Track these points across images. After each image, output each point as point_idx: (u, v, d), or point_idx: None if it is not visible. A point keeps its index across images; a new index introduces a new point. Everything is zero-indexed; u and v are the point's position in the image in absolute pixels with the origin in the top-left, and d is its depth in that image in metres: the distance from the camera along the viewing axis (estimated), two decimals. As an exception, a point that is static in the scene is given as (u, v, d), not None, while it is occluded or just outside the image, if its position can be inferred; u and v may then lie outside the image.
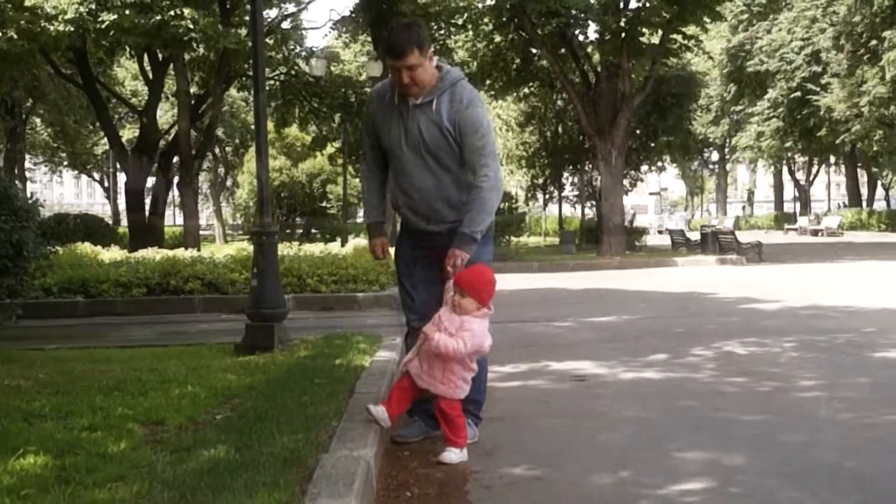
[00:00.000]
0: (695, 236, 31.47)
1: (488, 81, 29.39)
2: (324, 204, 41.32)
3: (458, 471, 4.48)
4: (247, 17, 25.88)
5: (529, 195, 36.67)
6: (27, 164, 49.90)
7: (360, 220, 60.64)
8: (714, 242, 26.98)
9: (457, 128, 4.69)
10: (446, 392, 4.60)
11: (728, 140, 64.41)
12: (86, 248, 16.31)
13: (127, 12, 19.24)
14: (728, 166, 79.84)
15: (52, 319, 11.91)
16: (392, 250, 5.12)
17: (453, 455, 4.59)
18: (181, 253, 15.47)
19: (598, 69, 26.90)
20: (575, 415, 5.74)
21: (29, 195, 7.97)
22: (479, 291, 4.61)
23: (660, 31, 25.77)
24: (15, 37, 19.20)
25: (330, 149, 37.44)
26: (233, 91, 40.32)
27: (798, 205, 66.78)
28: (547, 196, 37.09)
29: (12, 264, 7.18)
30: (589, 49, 28.19)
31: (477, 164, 4.69)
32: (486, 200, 4.70)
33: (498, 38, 28.37)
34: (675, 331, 9.85)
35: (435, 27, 29.47)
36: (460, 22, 28.72)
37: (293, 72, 31.73)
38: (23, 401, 5.26)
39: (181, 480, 3.65)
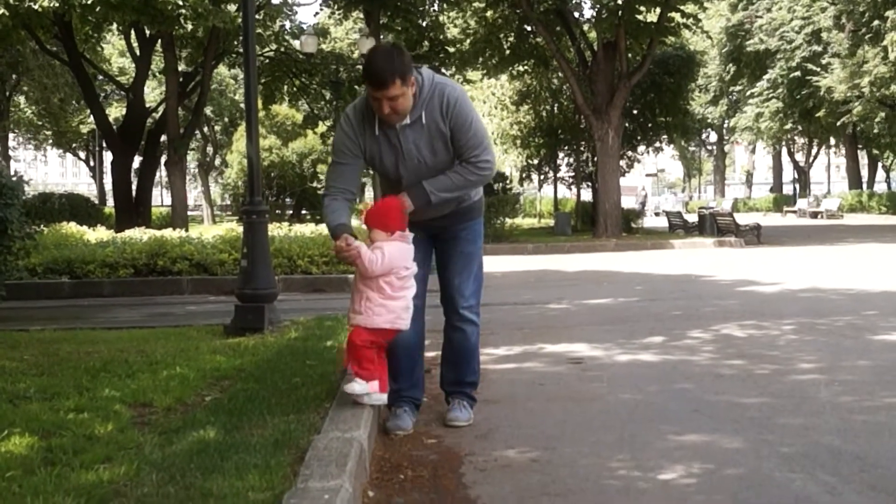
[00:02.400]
0: (692, 218, 31.43)
1: (481, 59, 29.20)
2: (314, 184, 41.10)
3: (453, 453, 4.42)
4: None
5: (524, 176, 36.51)
6: (10, 143, 49.58)
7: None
8: (712, 224, 26.97)
9: (450, 127, 4.58)
10: (362, 321, 4.46)
11: (727, 121, 64.28)
12: (71, 227, 16.19)
13: (114, -13, 19.02)
14: (726, 147, 79.81)
15: (36, 300, 11.82)
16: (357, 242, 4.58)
17: (356, 386, 4.41)
18: (169, 233, 15.34)
19: (595, 48, 26.73)
20: (571, 397, 5.66)
21: (13, 174, 7.82)
22: (382, 220, 4.54)
23: (657, 10, 25.59)
24: (7, 14, 18.99)
25: (322, 127, 37.22)
26: (222, 68, 40.11)
27: (797, 187, 66.67)
28: (542, 177, 36.96)
29: (-4, 243, 7.07)
30: (585, 27, 28.01)
31: (477, 155, 4.61)
32: (469, 183, 4.65)
33: (491, 15, 28.14)
34: (672, 313, 9.77)
35: (429, 3, 29.26)
36: (452, -1, 28.59)
37: (283, 48, 31.49)
38: (7, 382, 5.19)
39: (170, 462, 3.58)
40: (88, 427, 4.14)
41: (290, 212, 39.92)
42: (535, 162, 35.25)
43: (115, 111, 43.33)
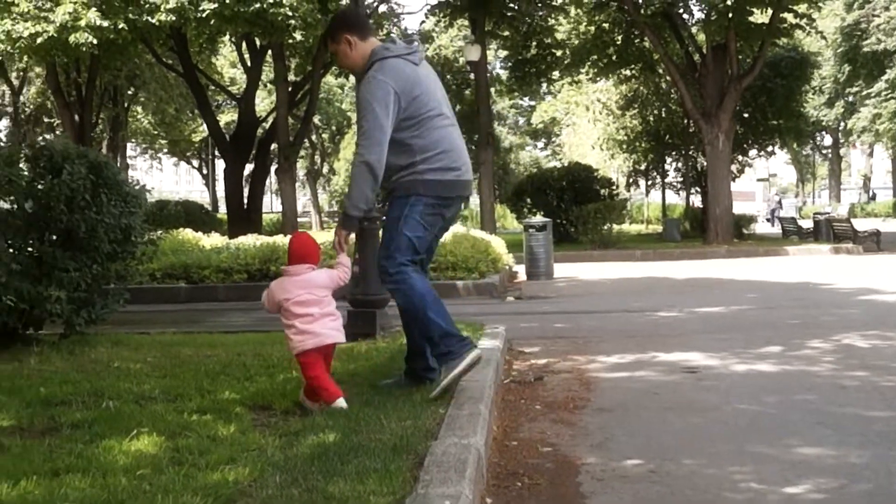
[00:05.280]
0: (807, 224, 30.60)
1: (588, 62, 29.01)
2: (419, 190, 41.41)
3: (569, 461, 4.38)
4: (343, 2, 26.04)
5: (631, 181, 36.12)
6: (129, 152, 51.20)
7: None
8: (828, 230, 26.21)
9: None
10: (288, 346, 4.82)
11: (842, 123, 62.32)
12: (187, 234, 16.57)
13: (227, 1, 19.51)
14: (842, 151, 77.35)
15: (156, 304, 12.16)
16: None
17: (306, 404, 4.77)
18: (280, 239, 15.59)
19: (704, 50, 26.29)
20: (687, 407, 5.56)
21: (134, 182, 8.09)
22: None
23: (769, 10, 25.00)
24: (126, 28, 19.70)
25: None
26: (329, 77, 40.67)
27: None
28: (649, 182, 36.51)
29: (121, 249, 7.30)
30: (694, 29, 27.58)
31: (357, 144, 4.95)
32: (354, 180, 4.93)
33: (598, 18, 27.94)
34: (789, 322, 9.51)
35: (535, 9, 29.18)
36: (557, 3, 28.47)
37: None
38: (133, 383, 5.34)
39: (292, 464, 3.63)
40: (212, 428, 4.23)
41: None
42: (643, 167, 34.85)
43: (227, 119, 44.40)
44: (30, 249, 6.92)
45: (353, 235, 5.71)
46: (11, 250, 6.68)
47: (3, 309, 6.40)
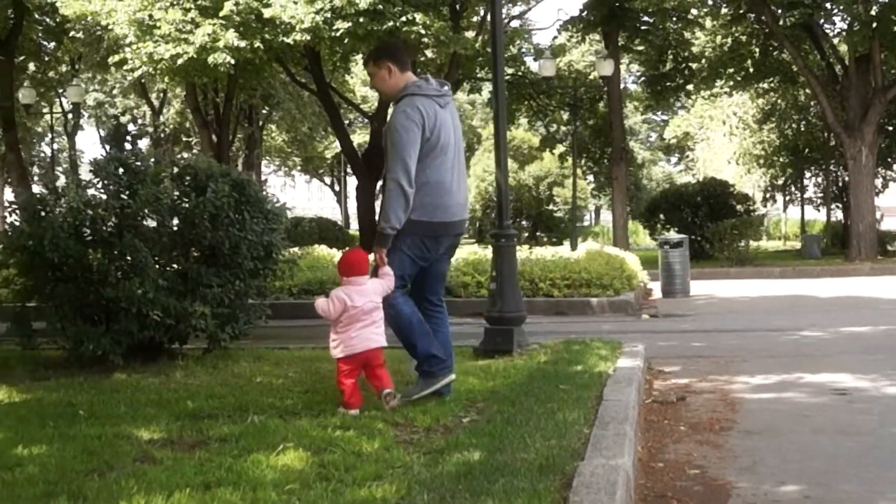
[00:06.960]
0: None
1: (725, 76, 28.35)
2: (550, 207, 41.29)
3: (718, 485, 4.28)
4: (475, 19, 26.19)
5: (767, 196, 35.13)
6: (263, 169, 52.55)
7: (586, 222, 60.15)
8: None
9: None
10: (330, 352, 5.23)
11: None
12: (322, 250, 16.82)
13: (360, 20, 19.79)
14: None
15: (293, 320, 12.35)
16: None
17: (341, 409, 5.05)
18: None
19: (846, 61, 25.38)
20: (839, 430, 5.34)
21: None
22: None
23: (916, 19, 23.94)
24: (262, 48, 20.23)
25: (559, 149, 37.28)
26: (460, 94, 40.98)
27: None
28: (787, 197, 35.41)
29: (262, 266, 7.43)
30: (835, 40, 26.67)
31: (387, 167, 5.28)
32: (387, 201, 5.26)
33: (736, 30, 27.32)
34: (945, 343, 9.04)
35: (671, 22, 28.72)
36: (692, 16, 27.96)
37: (520, 72, 31.79)
38: (276, 398, 5.43)
39: (438, 482, 3.62)
40: (356, 445, 4.25)
41: (527, 234, 40.23)
42: (780, 182, 33.85)
43: (359, 137, 45.17)
44: (175, 266, 7.13)
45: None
46: (157, 267, 6.88)
47: (149, 323, 6.61)
